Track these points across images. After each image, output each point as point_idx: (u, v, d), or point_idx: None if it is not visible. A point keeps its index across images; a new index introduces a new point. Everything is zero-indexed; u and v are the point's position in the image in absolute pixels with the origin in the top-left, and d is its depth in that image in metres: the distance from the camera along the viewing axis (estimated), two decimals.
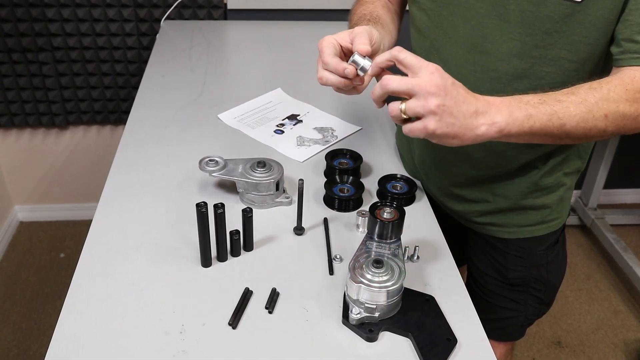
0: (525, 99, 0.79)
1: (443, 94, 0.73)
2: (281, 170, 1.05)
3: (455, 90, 0.75)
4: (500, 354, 1.27)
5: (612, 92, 0.80)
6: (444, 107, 0.73)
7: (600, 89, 0.80)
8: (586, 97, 0.80)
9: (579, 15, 0.82)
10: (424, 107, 0.74)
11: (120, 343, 0.78)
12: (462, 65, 0.95)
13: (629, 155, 2.52)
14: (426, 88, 0.73)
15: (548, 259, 1.14)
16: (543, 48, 0.87)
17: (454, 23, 0.93)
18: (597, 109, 0.79)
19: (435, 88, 0.73)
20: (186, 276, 0.90)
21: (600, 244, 2.40)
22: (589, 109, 0.79)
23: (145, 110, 1.35)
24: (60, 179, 2.33)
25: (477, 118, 0.76)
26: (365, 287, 0.80)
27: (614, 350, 1.99)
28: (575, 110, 0.79)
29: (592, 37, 0.84)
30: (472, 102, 0.76)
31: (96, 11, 1.90)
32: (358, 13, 1.05)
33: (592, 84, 0.81)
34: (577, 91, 0.80)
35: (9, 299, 2.04)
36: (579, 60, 0.87)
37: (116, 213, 1.02)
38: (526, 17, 0.85)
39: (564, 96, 0.80)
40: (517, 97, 0.79)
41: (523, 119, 0.77)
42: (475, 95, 0.77)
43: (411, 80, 0.74)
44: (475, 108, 0.76)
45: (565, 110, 0.79)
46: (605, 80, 0.82)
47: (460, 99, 0.75)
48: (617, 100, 0.80)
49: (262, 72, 1.57)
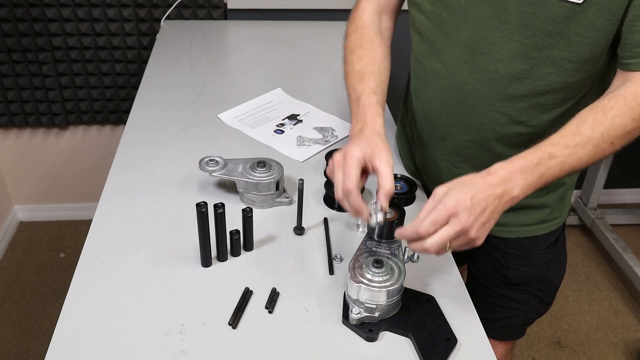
0: (535, 159, 0.80)
1: (473, 221, 0.75)
2: (281, 170, 1.05)
3: (476, 207, 0.75)
4: (501, 353, 1.27)
5: (617, 118, 0.82)
6: (481, 225, 0.76)
7: (605, 119, 0.82)
8: (592, 134, 0.82)
9: (579, 16, 0.82)
10: (469, 239, 0.76)
11: (120, 343, 0.78)
12: (462, 67, 0.95)
13: (629, 155, 2.52)
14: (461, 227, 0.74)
15: (548, 258, 1.14)
16: (544, 49, 0.87)
17: (453, 25, 0.93)
18: (604, 141, 0.82)
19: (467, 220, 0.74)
20: (186, 276, 0.90)
21: (600, 243, 2.40)
22: (595, 145, 0.82)
23: (145, 110, 1.35)
24: (60, 179, 2.33)
25: (501, 202, 0.78)
26: (365, 287, 0.80)
27: (614, 350, 1.99)
28: (583, 152, 0.82)
29: (592, 37, 0.84)
30: (492, 197, 0.77)
31: (96, 11, 1.90)
32: (360, 66, 1.00)
33: (596, 115, 0.82)
34: (581, 130, 0.82)
35: (9, 299, 2.04)
36: (579, 61, 0.87)
37: (116, 213, 1.02)
38: (526, 19, 0.85)
39: (570, 139, 0.81)
40: (528, 158, 0.80)
41: (537, 181, 0.81)
42: (489, 183, 0.78)
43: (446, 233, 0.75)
44: (495, 198, 0.77)
45: (573, 156, 0.82)
46: (608, 104, 0.83)
47: (483, 206, 0.76)
48: (623, 125, 0.82)
49: (262, 72, 1.57)
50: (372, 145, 0.86)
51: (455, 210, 0.75)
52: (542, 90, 0.91)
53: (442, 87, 1.00)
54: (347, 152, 0.84)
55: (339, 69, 0.97)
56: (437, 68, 0.99)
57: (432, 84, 1.02)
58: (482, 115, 0.97)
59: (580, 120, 0.83)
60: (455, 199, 0.75)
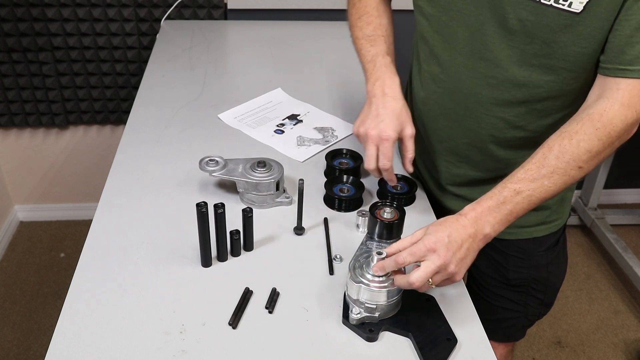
0: (501, 197, 0.83)
1: (451, 257, 0.79)
2: (281, 170, 1.05)
3: (453, 243, 0.79)
4: (501, 355, 1.27)
5: (582, 142, 0.82)
6: (459, 261, 0.80)
7: (571, 145, 0.82)
8: (557, 164, 0.82)
9: (577, 26, 0.82)
10: (449, 274, 0.80)
11: (120, 343, 0.78)
12: (460, 72, 0.95)
13: (629, 155, 2.51)
14: (441, 262, 0.78)
15: (548, 260, 1.14)
16: (542, 57, 0.87)
17: (453, 29, 0.93)
18: (571, 168, 0.83)
19: (445, 255, 0.78)
20: (186, 276, 0.90)
21: (600, 244, 2.40)
22: (562, 173, 0.83)
23: (145, 110, 1.35)
24: (60, 179, 2.33)
25: (475, 241, 0.82)
26: (365, 287, 0.80)
27: (614, 350, 1.99)
28: (550, 182, 0.83)
29: (590, 47, 0.84)
30: (466, 236, 0.81)
31: (96, 11, 1.90)
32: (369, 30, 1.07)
33: (562, 141, 0.83)
34: (546, 161, 0.83)
35: (9, 299, 2.04)
36: (577, 70, 0.87)
37: (116, 213, 1.02)
38: (525, 27, 0.85)
39: (536, 172, 0.83)
40: (495, 197, 0.83)
41: (506, 217, 0.84)
42: (462, 224, 0.82)
43: (428, 267, 0.78)
44: (469, 237, 0.81)
45: (540, 188, 0.83)
46: (575, 128, 0.83)
47: (459, 243, 0.80)
48: (589, 148, 0.82)
49: (262, 72, 1.57)
50: (399, 117, 0.98)
51: (434, 246, 0.78)
52: (540, 97, 0.91)
53: (441, 91, 1.00)
54: (382, 134, 0.96)
55: (339, 69, 0.98)
56: (435, 71, 1.00)
57: (431, 87, 1.02)
58: (480, 120, 0.98)
59: (546, 150, 0.84)
60: (434, 237, 0.79)
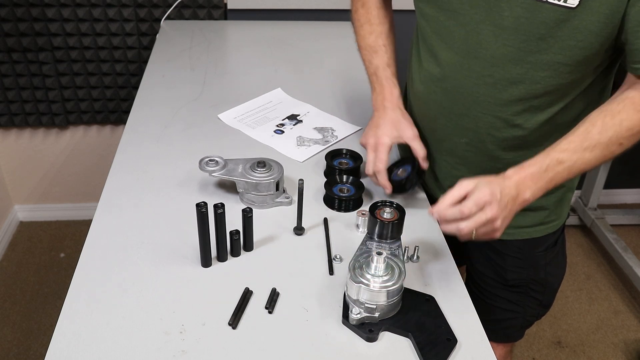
0: (544, 165, 0.86)
1: (500, 213, 0.82)
2: (281, 170, 1.05)
3: (503, 201, 0.83)
4: (500, 355, 1.27)
5: (625, 121, 0.85)
6: (504, 219, 0.84)
7: (613, 123, 0.85)
8: (599, 139, 0.86)
9: (573, 20, 0.82)
10: (493, 228, 0.84)
11: (120, 343, 0.78)
12: (457, 71, 0.95)
13: (629, 155, 2.48)
14: (492, 215, 0.82)
15: (547, 261, 1.14)
16: (538, 53, 0.87)
17: (450, 29, 0.94)
18: (612, 143, 0.86)
19: (498, 210, 0.82)
20: (186, 276, 0.90)
21: (600, 244, 2.40)
22: (603, 148, 0.86)
23: (145, 110, 1.35)
24: (60, 179, 2.32)
25: (515, 203, 0.85)
26: (365, 287, 0.80)
27: (614, 350, 1.99)
28: (591, 155, 0.86)
29: (586, 41, 0.84)
30: (512, 197, 0.84)
31: (96, 11, 1.90)
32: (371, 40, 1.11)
33: (604, 119, 0.86)
34: (589, 135, 0.86)
35: (9, 299, 2.04)
36: (573, 64, 0.88)
37: (116, 213, 1.02)
38: (520, 24, 0.85)
39: (579, 144, 0.86)
40: (539, 164, 0.86)
41: (546, 185, 0.86)
42: (507, 185, 0.84)
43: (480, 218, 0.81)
44: (513, 199, 0.84)
45: (581, 160, 0.86)
46: (616, 108, 0.86)
47: (506, 202, 0.83)
48: (631, 127, 0.86)
49: (262, 72, 1.57)
50: (396, 125, 1.04)
51: (491, 199, 0.81)
52: (537, 93, 0.92)
53: (439, 90, 1.00)
54: (378, 140, 1.03)
55: (339, 69, 0.98)
56: (434, 71, 1.00)
57: (430, 86, 1.02)
58: (478, 119, 0.98)
59: (589, 125, 0.86)
60: (490, 190, 0.81)
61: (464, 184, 0.83)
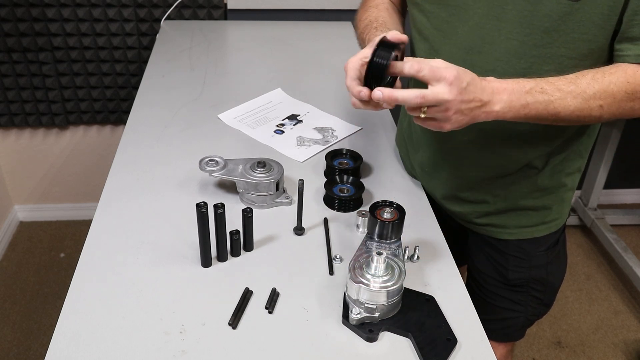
0: (527, 87, 0.83)
1: (459, 102, 0.78)
2: (281, 170, 1.05)
3: (467, 94, 0.79)
4: (501, 354, 1.27)
5: (612, 84, 0.84)
6: (459, 112, 0.80)
7: (603, 81, 0.84)
8: (585, 89, 0.84)
9: (577, 13, 0.82)
10: (444, 116, 0.80)
11: (120, 343, 0.78)
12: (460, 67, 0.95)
13: (629, 155, 2.51)
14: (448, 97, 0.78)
15: (548, 260, 1.14)
16: (542, 47, 0.87)
17: (452, 24, 0.93)
18: (594, 100, 0.84)
19: (455, 95, 0.78)
20: (186, 276, 0.90)
21: (600, 244, 2.40)
22: (586, 99, 0.84)
23: (145, 110, 1.35)
24: (60, 179, 2.33)
25: (480, 109, 0.81)
26: (365, 287, 0.80)
27: (614, 350, 1.99)
28: (572, 102, 0.84)
29: (590, 33, 0.84)
30: (479, 97, 0.80)
31: (96, 11, 1.90)
32: (364, 20, 1.06)
33: (595, 74, 0.84)
34: (578, 81, 0.84)
35: (9, 299, 2.04)
36: (578, 57, 0.87)
37: (116, 213, 1.02)
38: (524, 17, 0.85)
39: (565, 85, 0.84)
40: (521, 84, 0.83)
41: (519, 107, 0.83)
42: (483, 86, 0.81)
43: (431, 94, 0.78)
44: (480, 102, 0.81)
45: (562, 101, 0.84)
46: (609, 70, 0.85)
47: (471, 98, 0.79)
48: (616, 92, 0.84)
49: (262, 72, 1.57)
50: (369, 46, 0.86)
51: (453, 80, 0.77)
52: None
53: None
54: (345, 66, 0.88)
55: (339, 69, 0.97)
56: None
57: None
58: None
59: (579, 74, 0.85)
60: (456, 72, 0.78)
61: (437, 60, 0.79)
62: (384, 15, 1.05)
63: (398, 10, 1.11)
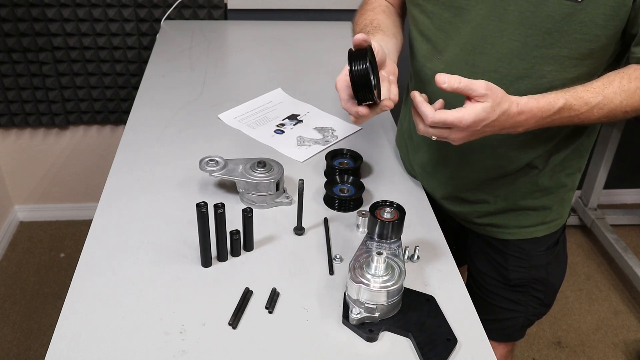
0: (556, 106, 0.85)
1: (465, 137, 0.84)
2: (281, 170, 1.05)
3: (479, 132, 0.84)
4: (501, 354, 1.27)
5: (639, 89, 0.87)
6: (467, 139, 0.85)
7: (629, 87, 0.87)
8: (612, 98, 0.87)
9: (579, 14, 0.82)
10: (453, 140, 0.85)
11: (120, 343, 0.78)
12: (462, 68, 0.95)
13: (629, 155, 2.51)
14: (450, 136, 0.84)
15: (548, 260, 1.14)
16: (544, 47, 0.87)
17: (455, 25, 0.93)
18: (620, 108, 0.87)
19: (458, 137, 0.84)
20: (186, 276, 0.90)
21: (600, 244, 2.40)
22: (612, 110, 0.87)
23: (145, 110, 1.35)
24: (60, 179, 2.33)
25: (501, 131, 0.86)
26: (365, 287, 0.80)
27: (614, 350, 1.99)
28: (598, 112, 0.87)
29: (592, 34, 0.84)
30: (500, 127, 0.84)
31: (96, 11, 1.90)
32: (359, 24, 1.06)
33: (622, 81, 0.87)
34: (606, 91, 0.87)
35: (9, 299, 2.04)
36: (579, 57, 0.88)
37: (116, 213, 1.02)
38: (526, 18, 0.85)
39: (593, 97, 0.86)
40: (552, 103, 0.85)
41: (545, 126, 0.87)
42: (512, 114, 0.84)
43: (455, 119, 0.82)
44: (501, 127, 0.85)
45: (588, 114, 0.87)
46: (634, 74, 0.87)
47: (496, 130, 0.85)
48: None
49: (262, 72, 1.57)
50: None
51: (471, 125, 0.81)
52: (542, 88, 0.91)
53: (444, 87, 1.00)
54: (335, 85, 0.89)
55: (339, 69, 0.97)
56: (438, 69, 0.99)
57: (433, 84, 1.02)
58: None
59: (607, 82, 0.87)
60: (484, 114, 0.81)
61: (480, 85, 0.81)
62: (380, 18, 1.04)
63: (397, 12, 1.11)
